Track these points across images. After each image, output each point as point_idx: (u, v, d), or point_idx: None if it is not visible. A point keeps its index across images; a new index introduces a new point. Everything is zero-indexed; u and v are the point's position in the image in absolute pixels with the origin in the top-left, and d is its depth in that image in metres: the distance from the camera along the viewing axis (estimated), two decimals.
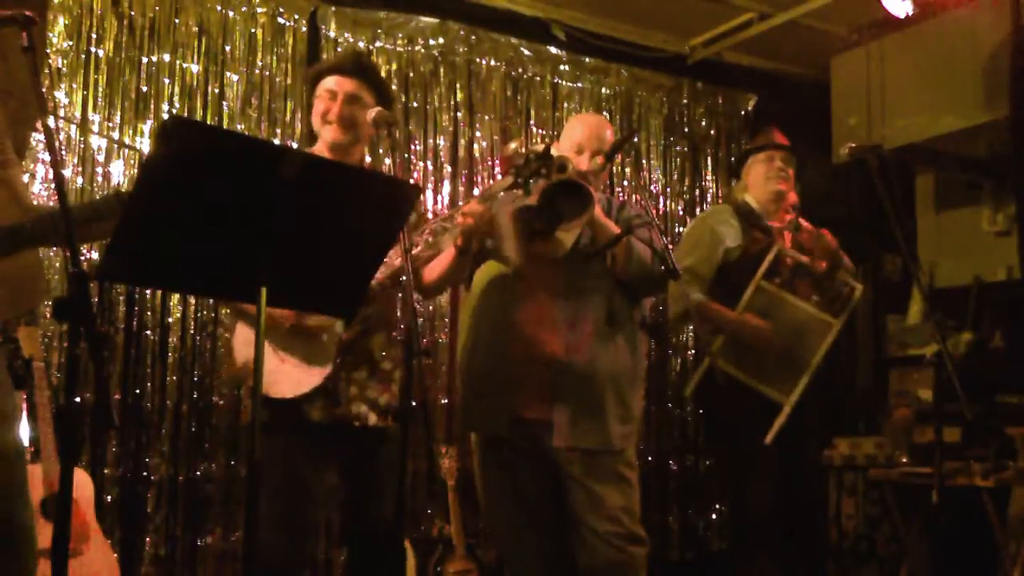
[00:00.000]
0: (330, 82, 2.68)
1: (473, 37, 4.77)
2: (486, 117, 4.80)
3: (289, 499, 2.52)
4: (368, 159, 2.69)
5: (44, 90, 2.13)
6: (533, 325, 2.83)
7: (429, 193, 4.58)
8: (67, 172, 3.79)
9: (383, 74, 4.46)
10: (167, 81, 4.07)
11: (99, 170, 3.90)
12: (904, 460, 4.24)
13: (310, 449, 2.57)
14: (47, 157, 3.60)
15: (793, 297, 3.40)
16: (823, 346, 3.34)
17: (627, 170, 5.19)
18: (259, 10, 4.28)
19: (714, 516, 5.25)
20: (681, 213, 5.39)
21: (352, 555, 2.72)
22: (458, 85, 4.74)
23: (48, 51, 3.78)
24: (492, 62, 4.84)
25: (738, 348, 3.34)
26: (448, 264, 2.70)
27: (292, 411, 2.51)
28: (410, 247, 2.31)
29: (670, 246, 2.80)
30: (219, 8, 4.19)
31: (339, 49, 4.43)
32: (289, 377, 2.51)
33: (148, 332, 3.95)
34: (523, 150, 2.58)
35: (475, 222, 2.56)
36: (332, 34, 4.44)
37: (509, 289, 2.89)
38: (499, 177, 4.71)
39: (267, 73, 4.27)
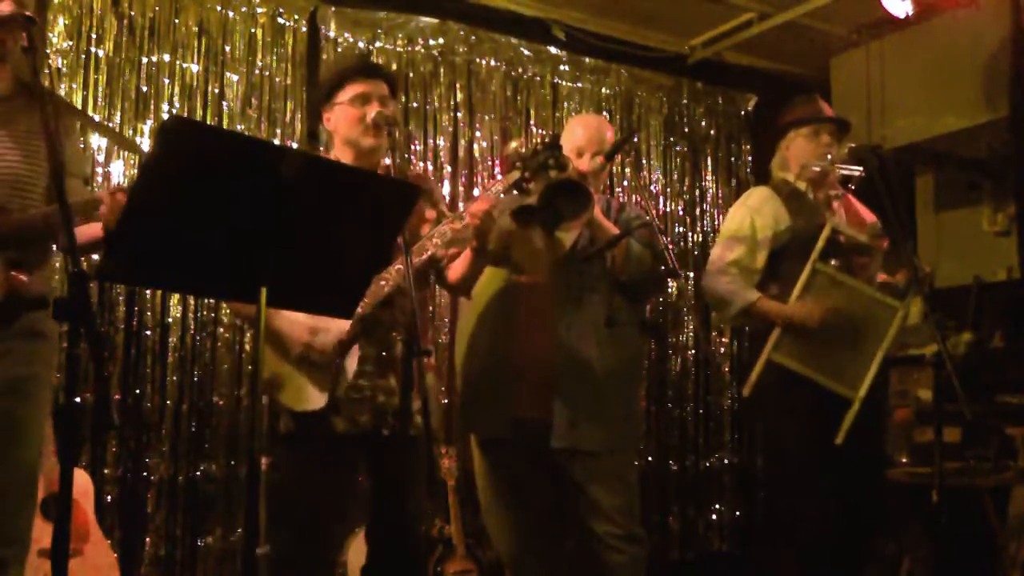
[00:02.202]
0: (361, 86, 2.58)
1: (473, 37, 4.77)
2: (486, 117, 4.80)
3: (316, 511, 2.51)
4: (387, 161, 2.64)
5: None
6: (533, 326, 2.83)
7: None
8: None
9: None
10: (167, 81, 4.06)
11: (99, 170, 3.90)
12: (904, 460, 4.24)
13: (337, 461, 2.54)
14: None
15: (853, 280, 3.13)
16: (890, 333, 3.06)
17: (627, 170, 5.18)
18: (259, 10, 4.27)
19: (714, 516, 5.25)
20: (681, 213, 5.39)
21: (372, 556, 2.69)
22: (458, 85, 4.74)
23: (48, 51, 3.78)
24: (492, 62, 4.84)
25: (797, 340, 3.07)
26: (468, 264, 2.67)
27: (319, 423, 2.48)
28: (411, 248, 2.30)
29: (671, 246, 2.79)
30: (219, 8, 4.19)
31: (339, 49, 4.43)
32: (314, 390, 2.49)
33: (148, 332, 3.94)
34: (523, 150, 2.56)
35: (483, 221, 2.55)
36: (332, 34, 4.44)
37: (509, 290, 2.89)
38: (499, 177, 4.71)
39: (267, 73, 4.26)
